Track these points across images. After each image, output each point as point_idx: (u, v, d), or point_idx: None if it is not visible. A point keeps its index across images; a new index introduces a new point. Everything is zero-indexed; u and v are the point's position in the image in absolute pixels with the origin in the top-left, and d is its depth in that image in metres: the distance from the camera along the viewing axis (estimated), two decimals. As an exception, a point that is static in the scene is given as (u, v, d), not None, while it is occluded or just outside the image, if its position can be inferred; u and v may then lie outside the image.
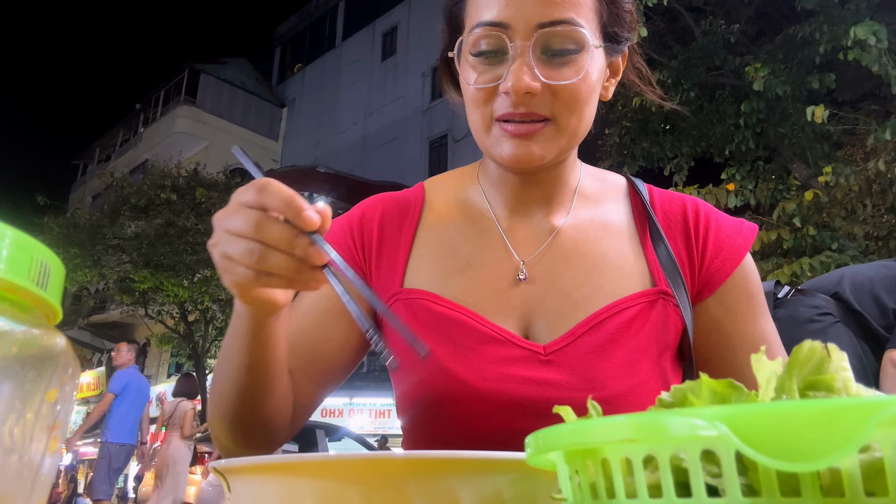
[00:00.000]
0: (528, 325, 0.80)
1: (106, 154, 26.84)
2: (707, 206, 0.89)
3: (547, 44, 0.74)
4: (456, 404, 0.77)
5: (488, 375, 0.76)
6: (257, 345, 0.68)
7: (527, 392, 0.75)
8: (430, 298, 0.81)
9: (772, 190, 6.92)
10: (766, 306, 0.86)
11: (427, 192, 0.92)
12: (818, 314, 1.89)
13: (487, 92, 0.76)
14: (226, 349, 0.72)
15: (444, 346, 0.78)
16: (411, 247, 0.86)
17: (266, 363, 0.70)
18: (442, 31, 0.87)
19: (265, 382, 0.71)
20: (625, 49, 0.84)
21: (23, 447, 0.26)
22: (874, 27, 5.54)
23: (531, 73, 0.73)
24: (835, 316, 1.89)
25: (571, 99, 0.75)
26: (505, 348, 0.78)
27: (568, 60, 0.74)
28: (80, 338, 19.62)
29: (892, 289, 1.88)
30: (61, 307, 0.30)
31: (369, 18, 21.14)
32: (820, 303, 1.91)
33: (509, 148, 0.76)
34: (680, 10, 7.88)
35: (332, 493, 0.36)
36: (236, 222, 0.58)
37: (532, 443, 0.28)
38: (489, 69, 0.76)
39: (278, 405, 0.74)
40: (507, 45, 0.74)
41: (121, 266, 13.25)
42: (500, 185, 0.87)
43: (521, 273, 0.82)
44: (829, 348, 0.26)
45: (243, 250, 0.57)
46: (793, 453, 0.19)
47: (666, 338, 0.80)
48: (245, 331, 0.67)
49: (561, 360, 0.76)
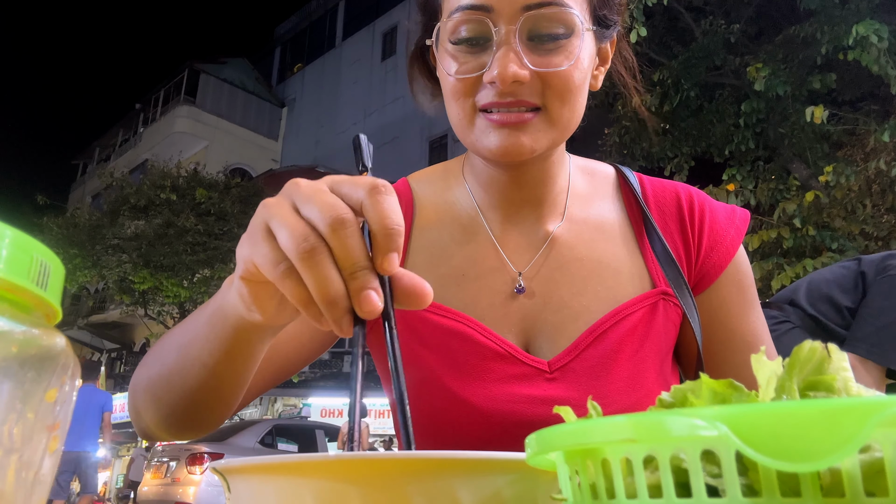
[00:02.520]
0: (528, 339, 0.76)
1: (106, 154, 26.85)
2: (700, 195, 0.85)
3: (534, 28, 0.68)
4: (461, 427, 0.72)
5: (494, 395, 0.72)
6: (234, 354, 0.56)
7: (535, 413, 0.71)
8: (429, 308, 0.74)
9: (772, 190, 6.93)
10: (757, 298, 0.84)
11: (414, 192, 0.86)
12: (775, 323, 1.95)
13: (469, 83, 0.70)
14: (187, 340, 0.60)
15: (446, 362, 0.74)
16: (406, 252, 0.80)
17: (234, 374, 0.59)
18: (416, 23, 0.80)
19: (224, 389, 0.62)
20: (613, 34, 0.78)
21: (23, 447, 0.26)
22: (875, 26, 5.55)
23: (518, 61, 0.66)
24: (792, 322, 1.95)
25: (563, 87, 0.68)
26: (510, 365, 0.74)
27: (558, 45, 0.68)
28: (79, 338, 19.60)
29: (847, 288, 1.92)
30: (61, 307, 0.30)
31: (369, 18, 21.15)
32: (775, 313, 1.99)
33: (496, 139, 0.69)
34: (680, 10, 7.88)
35: (332, 493, 0.36)
36: (313, 202, 0.43)
37: (532, 443, 0.28)
38: (471, 58, 0.69)
39: (226, 405, 0.66)
40: (490, 31, 0.68)
41: (120, 266, 13.26)
42: (488, 185, 0.80)
43: (518, 285, 0.77)
44: (829, 349, 0.26)
45: (298, 235, 0.42)
46: (793, 453, 0.19)
47: (668, 342, 0.78)
48: (226, 337, 0.55)
49: (567, 376, 0.73)
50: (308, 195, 0.44)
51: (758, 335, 0.81)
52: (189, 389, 0.62)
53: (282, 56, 25.52)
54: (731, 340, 0.80)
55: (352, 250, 0.42)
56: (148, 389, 0.66)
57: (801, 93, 6.96)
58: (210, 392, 0.61)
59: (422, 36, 0.79)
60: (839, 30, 6.20)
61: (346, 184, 0.45)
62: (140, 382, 0.68)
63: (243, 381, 0.61)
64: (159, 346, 0.68)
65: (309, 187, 0.45)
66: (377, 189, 0.43)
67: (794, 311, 1.97)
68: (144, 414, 0.68)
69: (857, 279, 1.93)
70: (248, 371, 0.60)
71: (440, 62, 0.73)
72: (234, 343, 0.55)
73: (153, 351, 0.69)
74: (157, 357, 0.66)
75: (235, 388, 0.62)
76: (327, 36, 23.05)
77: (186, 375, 0.61)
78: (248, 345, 0.56)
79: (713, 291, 0.81)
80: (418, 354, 0.75)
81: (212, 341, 0.56)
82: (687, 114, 7.84)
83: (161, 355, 0.66)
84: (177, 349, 0.62)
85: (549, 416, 0.68)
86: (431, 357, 0.75)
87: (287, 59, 25.16)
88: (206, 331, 0.57)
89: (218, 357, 0.57)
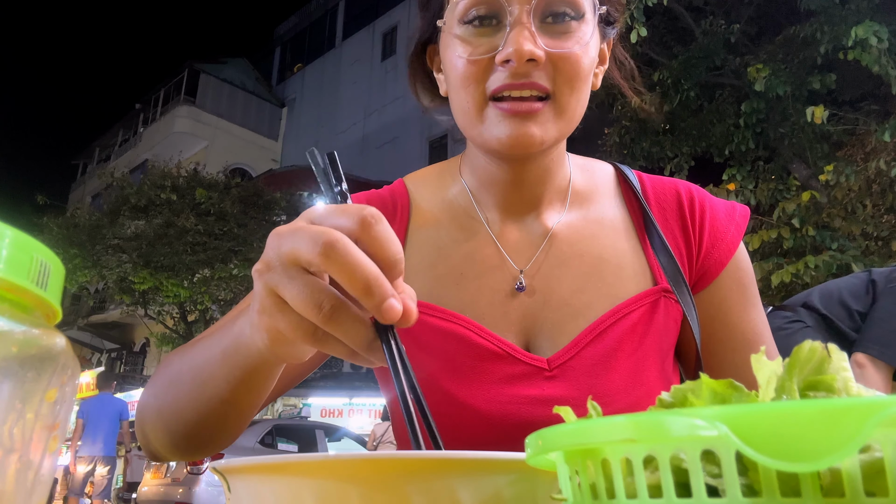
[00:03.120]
0: (528, 337, 0.75)
1: (106, 154, 26.84)
2: (700, 192, 0.84)
3: (547, 9, 0.68)
4: (460, 431, 0.71)
5: (492, 397, 0.72)
6: (252, 386, 0.56)
7: (534, 413, 0.70)
8: (426, 310, 0.74)
9: (772, 190, 6.93)
10: (758, 296, 0.83)
11: (411, 192, 0.85)
12: (787, 322, 2.10)
13: (481, 66, 0.69)
14: (202, 374, 0.59)
15: (443, 365, 0.73)
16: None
17: (251, 404, 0.60)
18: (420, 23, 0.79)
19: (237, 417, 0.62)
20: (613, 34, 0.79)
21: (23, 447, 0.26)
22: (875, 27, 5.55)
23: (533, 41, 0.66)
24: (804, 322, 2.09)
25: (573, 73, 0.68)
26: (508, 364, 0.73)
27: (569, 28, 0.68)
28: (79, 338, 19.61)
29: (858, 295, 2.10)
30: (61, 307, 0.30)
31: (369, 18, 21.15)
32: (789, 314, 2.13)
33: (507, 129, 0.68)
34: (680, 10, 7.89)
35: (332, 493, 0.36)
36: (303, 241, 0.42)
37: (532, 443, 0.28)
38: (483, 39, 0.69)
39: (240, 427, 0.66)
40: (503, 10, 0.67)
41: (120, 266, 13.25)
42: (488, 183, 0.80)
43: (519, 283, 0.76)
44: (829, 349, 0.26)
45: (310, 297, 0.42)
46: (793, 453, 0.19)
47: (669, 340, 0.77)
48: (246, 373, 0.54)
49: (566, 374, 0.72)
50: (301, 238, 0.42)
51: (758, 333, 0.80)
52: (204, 420, 0.61)
53: (282, 56, 25.52)
54: (731, 338, 0.79)
55: (354, 272, 0.41)
56: (159, 418, 0.66)
57: (801, 93, 6.96)
58: (227, 420, 0.62)
59: (423, 33, 0.79)
60: (839, 30, 6.20)
61: (332, 215, 0.44)
62: (149, 410, 0.67)
63: (259, 403, 0.62)
64: (168, 372, 0.67)
65: (289, 231, 0.43)
66: (368, 222, 0.43)
67: (808, 313, 2.10)
68: (153, 439, 0.68)
69: (868, 286, 2.10)
70: (265, 395, 0.60)
71: (448, 49, 0.72)
72: (253, 375, 0.55)
73: (162, 376, 0.68)
74: (168, 385, 0.66)
75: (252, 411, 0.63)
76: (327, 36, 23.05)
77: (202, 409, 0.60)
78: (269, 375, 0.56)
79: (714, 289, 0.80)
80: (415, 357, 0.75)
81: (231, 378, 0.56)
82: (687, 114, 7.84)
83: (172, 384, 0.65)
84: (190, 381, 0.61)
85: (548, 416, 0.66)
86: (429, 360, 0.74)
87: (287, 59, 25.16)
88: (223, 369, 0.56)
89: (237, 390, 0.57)
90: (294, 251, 0.42)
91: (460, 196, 0.83)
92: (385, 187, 0.87)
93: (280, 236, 0.44)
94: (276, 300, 0.43)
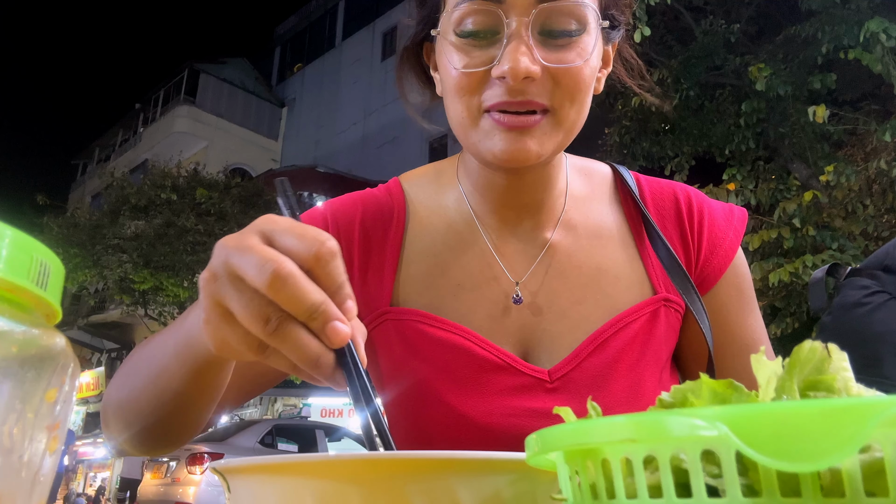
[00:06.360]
0: (526, 349, 0.74)
1: (106, 154, 26.82)
2: (699, 196, 0.83)
3: (547, 22, 0.64)
4: (459, 443, 0.70)
5: (493, 409, 0.70)
6: (204, 379, 0.57)
7: (535, 426, 0.69)
8: (424, 320, 0.73)
9: (772, 190, 6.92)
10: (755, 300, 0.82)
11: (407, 195, 0.82)
12: (865, 295, 1.63)
13: (476, 78, 0.66)
14: (155, 369, 0.60)
15: (444, 375, 0.72)
16: (399, 261, 0.77)
17: (206, 398, 0.60)
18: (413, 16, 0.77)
19: (193, 410, 0.62)
20: (618, 37, 0.76)
21: (23, 447, 0.26)
22: (885, 24, 5.53)
23: (530, 55, 0.63)
24: (889, 293, 1.61)
25: (574, 86, 0.66)
26: (509, 376, 0.71)
27: (569, 42, 0.65)
28: (79, 338, 19.58)
29: None
30: (61, 307, 0.30)
31: (369, 18, 21.13)
32: (867, 282, 1.65)
33: (502, 143, 0.66)
34: (680, 10, 7.88)
35: (332, 493, 0.36)
36: (251, 263, 0.42)
37: (532, 443, 0.28)
38: (478, 51, 0.66)
39: (199, 422, 0.66)
40: (500, 23, 0.64)
41: (121, 266, 13.24)
42: (484, 189, 0.77)
43: (516, 295, 0.75)
44: (829, 348, 0.26)
45: (256, 311, 0.42)
46: (793, 453, 0.19)
47: (668, 349, 0.77)
48: (196, 367, 0.55)
49: (567, 386, 0.71)
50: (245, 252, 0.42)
51: (757, 338, 0.80)
52: (160, 413, 0.61)
53: (282, 56, 25.50)
54: (730, 344, 0.79)
55: (299, 302, 0.41)
56: (118, 412, 0.66)
57: (801, 93, 6.95)
58: (182, 414, 0.62)
59: (419, 30, 0.76)
60: (840, 29, 6.19)
61: (288, 236, 0.43)
62: (110, 404, 0.67)
63: (215, 397, 0.62)
64: (128, 368, 0.67)
65: (238, 248, 0.43)
66: (323, 259, 0.43)
67: (890, 278, 1.63)
68: (116, 433, 0.68)
69: None
70: (220, 388, 0.60)
71: (443, 56, 0.69)
72: (204, 369, 0.55)
73: (123, 372, 0.68)
74: (126, 380, 0.66)
75: (208, 406, 0.62)
76: (327, 36, 23.04)
77: (155, 402, 0.61)
78: (221, 370, 0.57)
79: (712, 295, 0.79)
80: (414, 368, 0.74)
81: (182, 371, 0.56)
82: (687, 113, 7.83)
83: (129, 377, 0.65)
84: (146, 376, 0.61)
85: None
86: (428, 370, 0.73)
87: (287, 59, 25.14)
88: (175, 362, 0.57)
89: (189, 383, 0.57)
90: (241, 270, 0.42)
91: (457, 201, 0.81)
92: (380, 186, 0.84)
93: (228, 248, 0.43)
94: (222, 311, 0.43)
